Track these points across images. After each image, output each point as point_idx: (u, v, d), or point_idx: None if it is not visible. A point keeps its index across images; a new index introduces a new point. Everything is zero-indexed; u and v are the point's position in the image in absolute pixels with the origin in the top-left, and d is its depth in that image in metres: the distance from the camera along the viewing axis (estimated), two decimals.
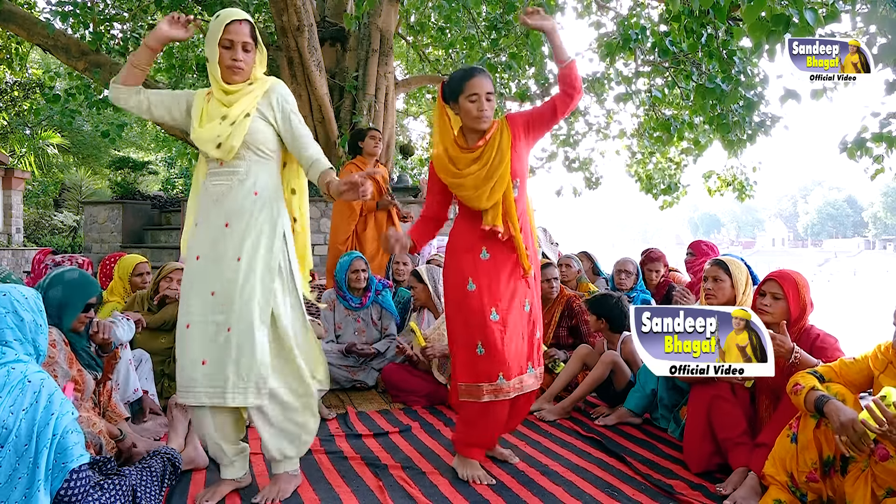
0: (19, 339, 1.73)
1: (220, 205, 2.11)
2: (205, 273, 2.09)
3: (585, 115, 9.93)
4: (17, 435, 1.58)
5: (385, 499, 2.19)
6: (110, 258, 4.09)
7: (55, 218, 13.80)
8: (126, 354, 2.91)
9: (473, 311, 2.34)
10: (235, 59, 2.09)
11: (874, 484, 1.83)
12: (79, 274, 2.34)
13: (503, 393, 2.34)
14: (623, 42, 5.76)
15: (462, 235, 2.46)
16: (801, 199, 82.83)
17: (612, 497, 2.23)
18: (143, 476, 2.00)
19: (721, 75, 5.29)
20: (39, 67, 13.45)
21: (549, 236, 9.92)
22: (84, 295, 2.29)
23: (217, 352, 2.04)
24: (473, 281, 2.36)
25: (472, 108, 2.33)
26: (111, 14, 8.05)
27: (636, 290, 4.02)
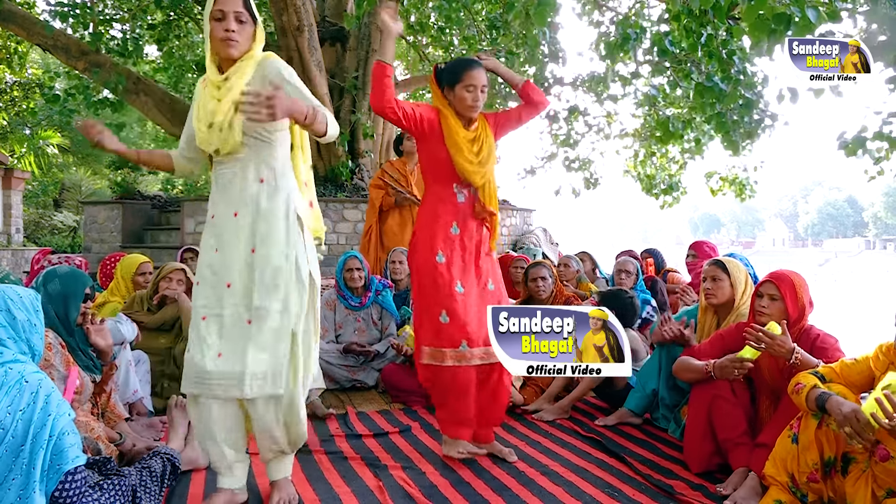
0: (12, 338, 1.73)
1: (228, 194, 2.07)
2: (220, 265, 2.05)
3: (585, 116, 9.92)
4: (14, 435, 1.58)
5: (385, 499, 2.18)
6: (111, 258, 4.09)
7: (55, 218, 13.80)
8: (126, 355, 2.92)
9: (441, 281, 2.45)
10: (228, 29, 1.97)
11: (874, 484, 1.83)
12: (69, 267, 2.45)
13: (466, 359, 2.43)
14: (622, 41, 5.75)
15: (434, 209, 2.55)
16: (801, 199, 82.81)
17: (612, 497, 2.23)
18: (143, 476, 1.99)
19: (720, 75, 5.29)
20: (39, 67, 13.44)
21: (550, 236, 9.93)
22: (81, 284, 2.38)
23: (234, 344, 2.00)
24: (443, 253, 2.48)
25: (468, 97, 2.48)
26: (111, 14, 8.05)
27: (636, 289, 4.02)
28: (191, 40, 10.23)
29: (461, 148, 2.47)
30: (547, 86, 8.42)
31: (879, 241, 63.13)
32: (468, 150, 2.49)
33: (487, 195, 2.53)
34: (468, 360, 2.44)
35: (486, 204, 2.52)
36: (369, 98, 2.50)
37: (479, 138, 2.53)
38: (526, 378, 3.60)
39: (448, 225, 2.51)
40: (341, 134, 7.58)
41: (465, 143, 2.49)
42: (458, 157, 2.47)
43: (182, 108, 8.28)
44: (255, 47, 2.07)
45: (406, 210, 4.83)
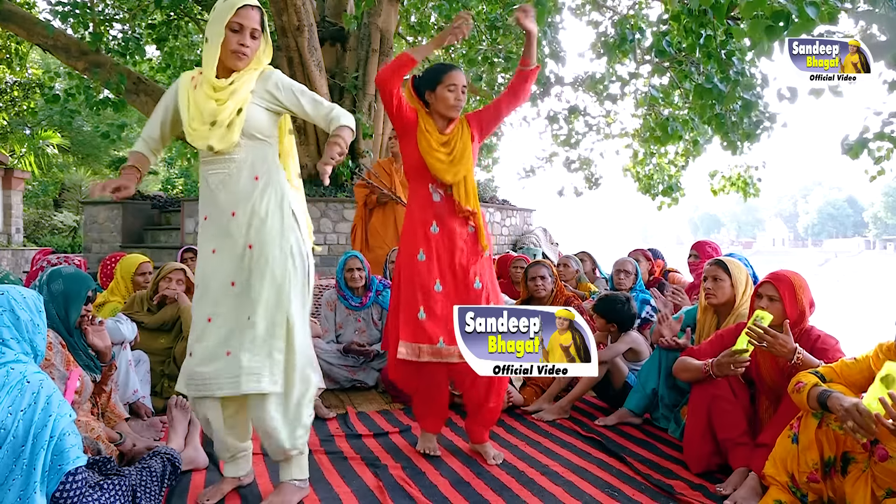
0: (16, 339, 1.73)
1: (223, 194, 2.08)
2: (221, 265, 2.06)
3: (585, 116, 9.92)
4: (15, 436, 1.58)
5: (385, 499, 2.18)
6: (111, 258, 4.10)
7: (55, 218, 13.80)
8: (126, 355, 2.92)
9: (420, 279, 2.49)
10: (243, 43, 2.02)
11: (874, 484, 1.83)
12: (73, 268, 2.45)
13: (443, 356, 2.44)
14: (620, 42, 5.76)
15: (413, 209, 2.59)
16: (801, 199, 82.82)
17: (612, 497, 2.23)
18: (143, 476, 1.99)
19: (719, 75, 5.29)
20: (39, 67, 13.44)
21: (550, 236, 9.93)
22: (84, 286, 2.39)
23: (240, 342, 2.02)
24: (424, 252, 2.51)
25: (449, 96, 2.52)
26: (111, 14, 8.05)
27: (635, 289, 4.02)
28: (191, 40, 10.23)
29: (431, 147, 2.51)
30: (547, 85, 8.43)
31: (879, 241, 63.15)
32: (439, 149, 2.52)
33: (463, 194, 2.53)
34: (445, 358, 2.45)
35: (462, 203, 2.52)
36: (379, 69, 2.52)
37: (452, 141, 2.55)
38: (526, 378, 3.61)
39: (427, 224, 2.53)
40: None
41: (437, 144, 2.52)
42: (428, 158, 2.50)
43: None
44: (262, 59, 2.13)
45: (389, 209, 4.86)
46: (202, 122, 2.04)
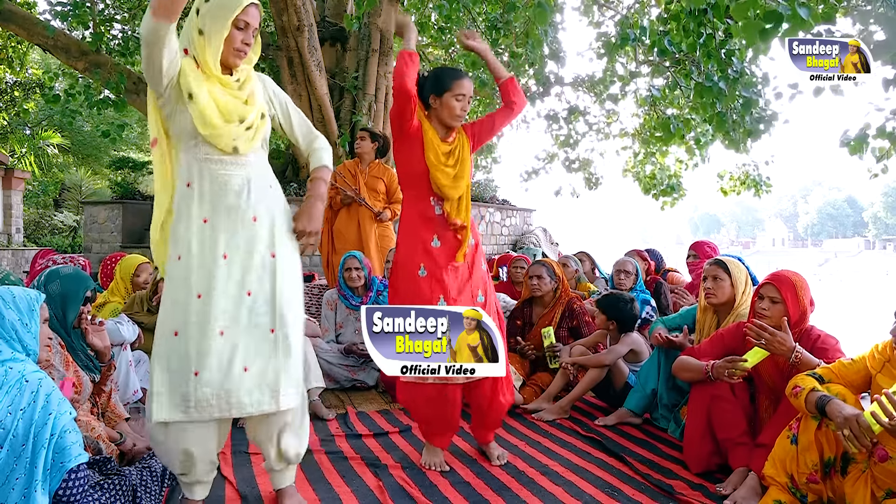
0: (3, 338, 1.73)
1: (244, 198, 1.93)
2: (234, 273, 1.89)
3: (585, 116, 9.93)
4: (15, 435, 1.58)
5: (385, 499, 2.18)
6: (111, 258, 4.10)
7: (55, 218, 13.80)
8: (126, 355, 2.92)
9: (423, 297, 2.39)
10: (247, 42, 1.95)
11: (874, 485, 1.83)
12: (73, 269, 2.45)
13: (451, 379, 2.34)
14: (621, 41, 5.76)
15: (413, 223, 2.50)
16: (801, 199, 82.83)
17: (612, 497, 2.23)
18: (144, 476, 2.00)
19: (719, 74, 5.29)
20: (39, 67, 13.45)
21: (550, 236, 9.94)
22: (82, 286, 2.39)
23: (261, 355, 1.88)
24: (425, 267, 2.43)
25: (456, 105, 2.45)
26: (111, 14, 8.05)
27: (636, 290, 4.02)
28: None
29: (439, 162, 2.44)
30: (548, 85, 8.43)
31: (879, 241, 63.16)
32: (445, 164, 2.45)
33: (458, 209, 2.48)
34: (454, 381, 2.39)
35: (454, 216, 2.46)
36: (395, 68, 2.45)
37: (456, 151, 2.50)
38: (526, 378, 3.61)
39: (428, 239, 2.46)
40: (342, 135, 7.58)
41: (442, 156, 2.46)
42: (435, 173, 2.43)
43: None
44: (252, 59, 2.07)
45: (353, 210, 4.76)
46: (227, 121, 1.91)
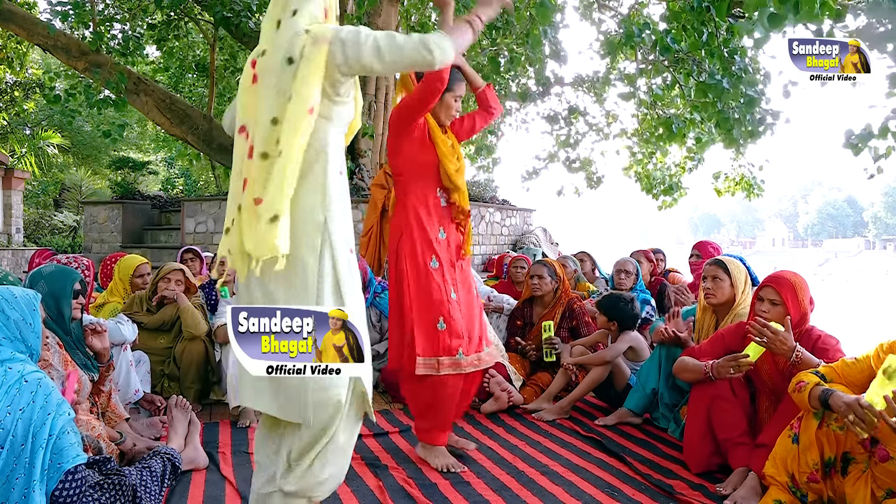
0: (7, 338, 1.73)
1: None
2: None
3: (585, 116, 9.92)
4: (14, 435, 1.58)
5: (385, 499, 2.18)
6: (110, 258, 4.09)
7: (55, 218, 13.79)
8: (126, 355, 2.92)
9: (435, 287, 2.42)
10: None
11: (874, 485, 1.83)
12: (54, 266, 2.41)
13: (461, 367, 2.43)
14: (626, 39, 5.75)
15: (418, 214, 2.49)
16: (801, 199, 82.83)
17: (612, 497, 2.23)
18: (144, 476, 1.99)
19: (722, 72, 5.29)
20: (39, 67, 13.44)
21: (550, 236, 9.94)
22: (67, 281, 2.35)
23: None
24: (436, 258, 2.45)
25: (453, 105, 2.56)
26: (111, 14, 8.05)
27: (636, 289, 4.02)
28: (191, 40, 10.23)
29: (447, 153, 2.50)
30: (548, 85, 8.42)
31: (879, 241, 63.16)
32: (451, 154, 2.52)
33: (463, 199, 2.54)
34: (462, 369, 2.43)
35: (465, 205, 2.54)
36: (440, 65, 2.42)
37: (455, 144, 2.59)
38: (526, 378, 3.61)
39: (436, 230, 2.48)
40: None
41: (448, 148, 2.52)
42: (445, 162, 2.47)
43: (182, 108, 8.27)
44: None
45: None
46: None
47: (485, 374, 3.33)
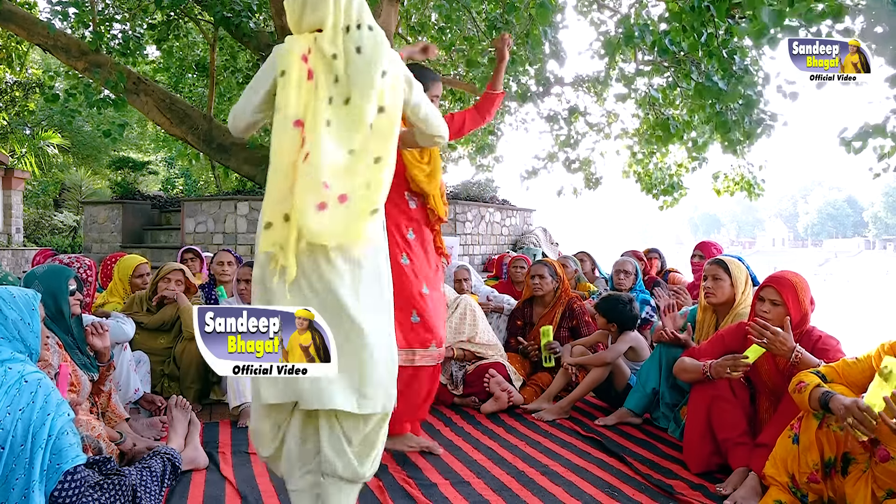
0: (6, 338, 1.72)
1: None
2: None
3: (586, 116, 9.91)
4: (14, 435, 1.58)
5: (385, 499, 2.18)
6: (110, 258, 4.09)
7: (55, 218, 13.79)
8: (127, 355, 2.93)
9: (408, 282, 2.52)
10: None
11: (874, 485, 1.83)
12: (47, 266, 2.42)
13: (434, 359, 2.55)
14: (625, 39, 5.74)
15: (392, 214, 2.55)
16: (801, 199, 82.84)
17: (612, 497, 2.23)
18: (143, 476, 1.99)
19: (720, 73, 5.28)
20: (39, 67, 13.44)
21: (549, 236, 9.94)
22: (62, 279, 2.36)
23: None
24: (406, 256, 2.55)
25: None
26: (111, 14, 8.05)
27: (635, 290, 4.02)
28: (191, 40, 10.22)
29: (411, 160, 2.54)
30: (548, 85, 8.42)
31: (879, 241, 63.17)
32: (419, 161, 2.57)
33: (439, 204, 2.61)
34: (434, 360, 2.55)
35: (440, 213, 2.61)
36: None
37: (426, 150, 2.58)
38: (526, 378, 3.61)
39: (405, 230, 2.57)
40: None
41: (414, 155, 2.55)
42: (411, 169, 2.54)
43: (182, 108, 8.27)
44: None
45: None
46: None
47: (485, 375, 3.34)
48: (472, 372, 3.42)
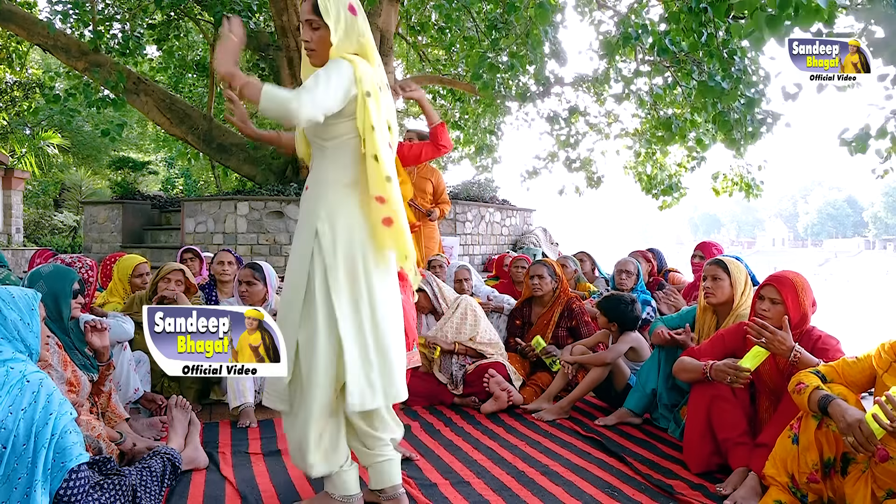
0: (6, 338, 1.72)
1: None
2: None
3: (586, 116, 9.91)
4: (17, 435, 1.58)
5: None
6: (110, 258, 4.09)
7: (55, 218, 13.79)
8: (127, 355, 2.92)
9: None
10: (304, 39, 1.92)
11: (874, 485, 1.83)
12: (52, 266, 2.41)
13: (412, 363, 2.60)
14: (623, 40, 5.74)
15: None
16: (801, 199, 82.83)
17: (612, 497, 2.23)
18: (143, 476, 1.99)
19: (722, 73, 5.28)
20: (39, 67, 13.44)
21: (550, 236, 9.94)
22: (66, 281, 2.36)
23: None
24: None
25: None
26: (111, 14, 8.05)
27: (636, 290, 4.02)
28: (191, 40, 10.22)
29: None
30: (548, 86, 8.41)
31: (879, 241, 63.17)
32: None
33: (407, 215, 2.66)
34: (413, 364, 2.60)
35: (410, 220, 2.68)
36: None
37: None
38: (526, 378, 3.61)
39: None
40: None
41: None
42: None
43: (182, 108, 8.27)
44: (340, 46, 1.89)
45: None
46: None
47: (485, 374, 3.34)
48: (471, 372, 3.42)
